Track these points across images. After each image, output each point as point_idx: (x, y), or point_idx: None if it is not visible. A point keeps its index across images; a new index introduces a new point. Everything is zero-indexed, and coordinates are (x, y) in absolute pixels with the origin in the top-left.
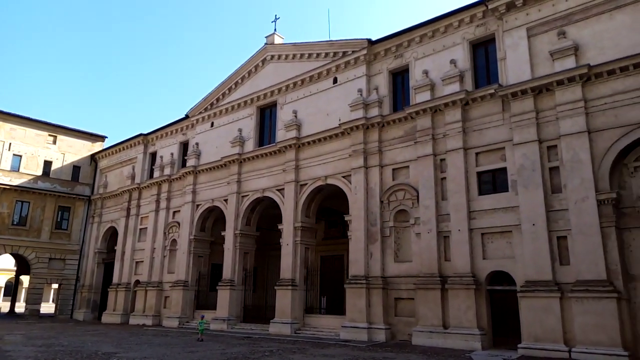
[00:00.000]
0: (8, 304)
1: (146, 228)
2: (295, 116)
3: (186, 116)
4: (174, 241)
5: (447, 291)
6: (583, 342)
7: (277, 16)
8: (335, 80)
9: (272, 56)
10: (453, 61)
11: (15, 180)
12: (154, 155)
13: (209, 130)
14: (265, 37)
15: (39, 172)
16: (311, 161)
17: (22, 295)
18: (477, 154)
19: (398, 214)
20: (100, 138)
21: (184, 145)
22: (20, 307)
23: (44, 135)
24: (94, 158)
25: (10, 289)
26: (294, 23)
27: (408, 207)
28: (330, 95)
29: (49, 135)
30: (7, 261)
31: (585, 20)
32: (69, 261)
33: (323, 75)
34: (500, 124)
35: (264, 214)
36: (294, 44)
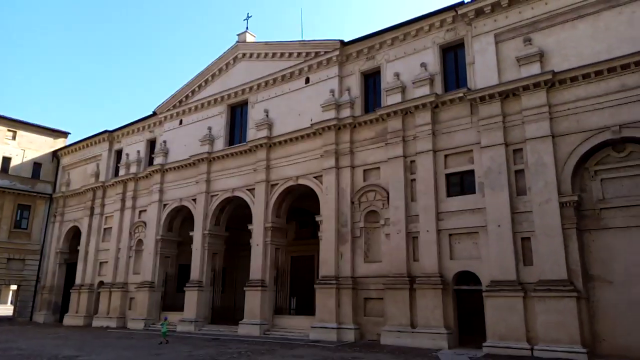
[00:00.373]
0: None
1: (111, 228)
2: (267, 115)
3: (154, 113)
4: (140, 241)
5: (416, 291)
6: (545, 340)
7: (249, 14)
8: (307, 80)
9: (244, 54)
10: (423, 64)
11: None
12: (119, 152)
13: (178, 128)
14: (237, 35)
15: None
16: (282, 161)
17: None
18: (446, 156)
19: (369, 215)
20: (63, 134)
21: (151, 143)
22: None
23: (2, 130)
24: (56, 155)
25: None
26: (266, 22)
27: (378, 208)
28: (302, 95)
29: (8, 130)
30: None
31: (550, 28)
32: (28, 262)
33: (295, 75)
34: (468, 127)
35: (233, 214)
36: (266, 43)
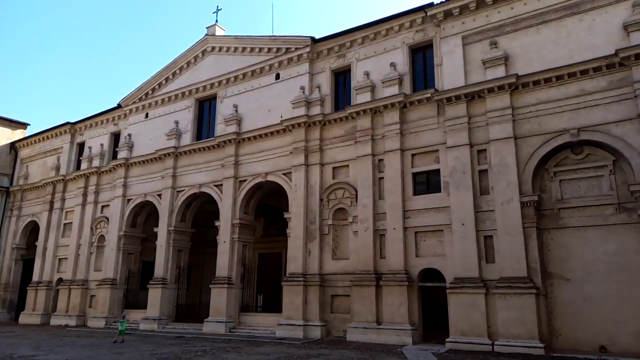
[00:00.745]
0: None
1: (71, 223)
2: (236, 110)
3: (118, 105)
4: (101, 237)
5: (382, 288)
6: (504, 336)
7: (219, 7)
8: (277, 76)
9: (213, 48)
10: (393, 64)
11: None
12: (82, 145)
13: (143, 122)
14: (206, 28)
15: None
16: (251, 157)
17: None
18: (413, 155)
19: (337, 212)
20: (22, 125)
21: (116, 136)
22: None
23: None
24: (13, 147)
25: None
26: (236, 16)
27: (347, 206)
28: (272, 91)
29: None
30: None
31: (515, 32)
32: None
33: (265, 70)
34: (435, 127)
35: (200, 210)
36: (236, 37)
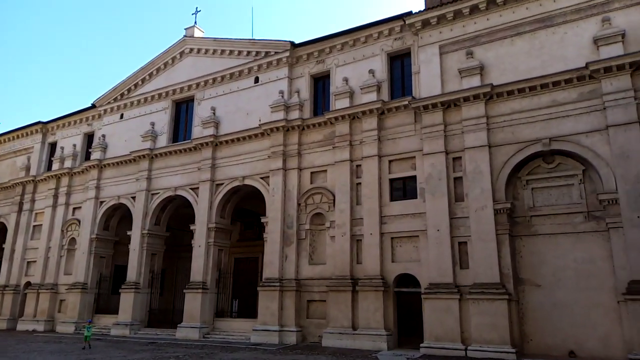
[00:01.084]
0: None
1: (41, 225)
2: (214, 113)
3: (93, 105)
4: (72, 240)
5: (358, 293)
6: (478, 341)
7: (198, 9)
8: (256, 80)
9: (191, 49)
10: (371, 71)
11: None
12: (53, 145)
13: (118, 122)
14: (185, 29)
15: None
16: (229, 160)
17: None
18: (391, 161)
19: (314, 217)
20: None
21: (89, 137)
22: None
23: None
24: None
25: None
26: (215, 18)
27: (324, 211)
28: (251, 94)
29: None
30: None
31: (490, 43)
32: None
33: (244, 73)
34: (412, 134)
35: (175, 214)
36: (215, 39)
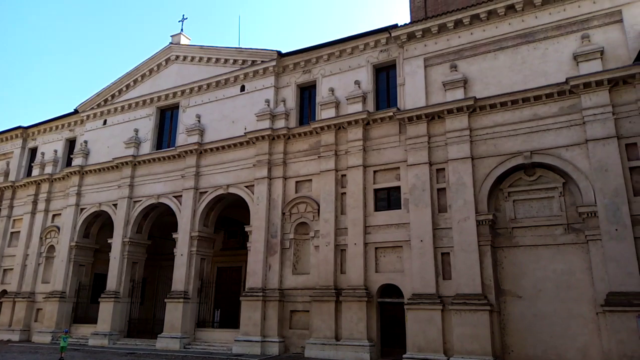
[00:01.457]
0: None
1: (19, 232)
2: (199, 121)
3: (75, 111)
4: (51, 247)
5: (341, 303)
6: (459, 352)
7: (185, 16)
8: (242, 88)
9: (177, 56)
10: (357, 82)
11: None
12: (34, 151)
13: (101, 128)
14: (171, 37)
15: None
16: (213, 168)
17: None
18: (375, 172)
19: (299, 227)
20: None
21: (71, 143)
22: None
23: None
24: None
25: None
26: (202, 26)
27: (309, 220)
28: (237, 102)
29: None
30: None
31: (474, 57)
32: None
33: (230, 81)
34: (396, 145)
35: (157, 222)
36: (201, 47)
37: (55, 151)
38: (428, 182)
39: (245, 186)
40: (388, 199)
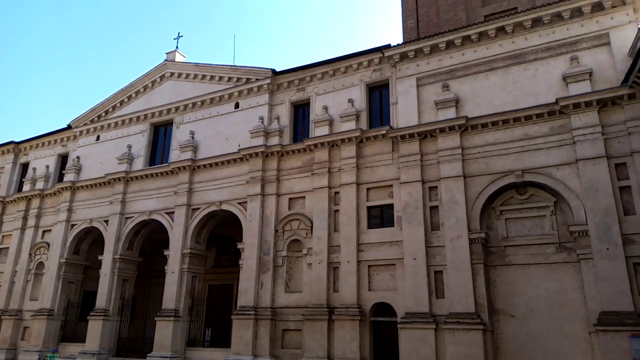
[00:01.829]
0: None
1: (8, 248)
2: (193, 137)
3: (68, 126)
4: (40, 264)
5: (334, 322)
6: None
7: (180, 34)
8: (237, 106)
9: (172, 73)
10: (351, 100)
11: None
12: (25, 166)
13: (94, 144)
14: (166, 54)
15: None
16: (206, 185)
17: None
18: (368, 189)
19: (292, 244)
20: None
21: (63, 158)
22: None
23: None
24: None
25: None
26: (197, 44)
27: (302, 237)
28: (230, 119)
29: None
30: None
31: (465, 77)
32: None
33: (225, 99)
34: (389, 163)
35: (149, 238)
36: (196, 64)
37: (47, 167)
38: (421, 200)
39: (238, 203)
40: (381, 216)
